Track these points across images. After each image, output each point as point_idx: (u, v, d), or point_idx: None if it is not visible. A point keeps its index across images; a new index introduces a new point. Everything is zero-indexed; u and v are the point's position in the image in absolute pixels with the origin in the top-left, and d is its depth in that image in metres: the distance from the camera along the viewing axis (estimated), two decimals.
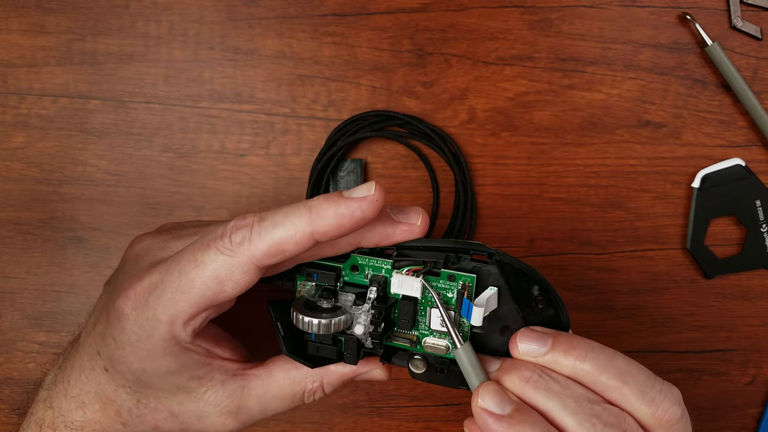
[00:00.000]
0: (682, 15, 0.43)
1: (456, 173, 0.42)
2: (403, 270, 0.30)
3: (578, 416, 0.26)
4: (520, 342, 0.29)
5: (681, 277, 0.44)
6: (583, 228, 0.43)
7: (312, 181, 0.42)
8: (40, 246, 0.43)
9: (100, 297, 0.33)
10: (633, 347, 0.44)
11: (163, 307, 0.28)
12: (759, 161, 0.43)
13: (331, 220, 0.27)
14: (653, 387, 0.28)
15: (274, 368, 0.32)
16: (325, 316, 0.29)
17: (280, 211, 0.28)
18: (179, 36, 0.43)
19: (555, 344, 0.28)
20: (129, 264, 0.32)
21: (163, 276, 0.28)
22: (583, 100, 0.43)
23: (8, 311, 0.43)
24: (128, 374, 0.30)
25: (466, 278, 0.30)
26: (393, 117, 0.42)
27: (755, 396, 0.44)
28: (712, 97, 0.43)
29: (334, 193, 0.28)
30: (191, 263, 0.28)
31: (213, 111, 0.43)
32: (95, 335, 0.31)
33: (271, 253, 0.28)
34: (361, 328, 0.30)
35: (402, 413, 0.44)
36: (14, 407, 0.43)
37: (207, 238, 0.28)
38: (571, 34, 0.43)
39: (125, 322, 0.28)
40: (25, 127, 0.43)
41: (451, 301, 0.30)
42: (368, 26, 0.43)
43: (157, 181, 0.43)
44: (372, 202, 0.27)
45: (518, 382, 0.27)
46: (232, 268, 0.27)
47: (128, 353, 0.29)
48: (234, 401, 0.31)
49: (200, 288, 0.28)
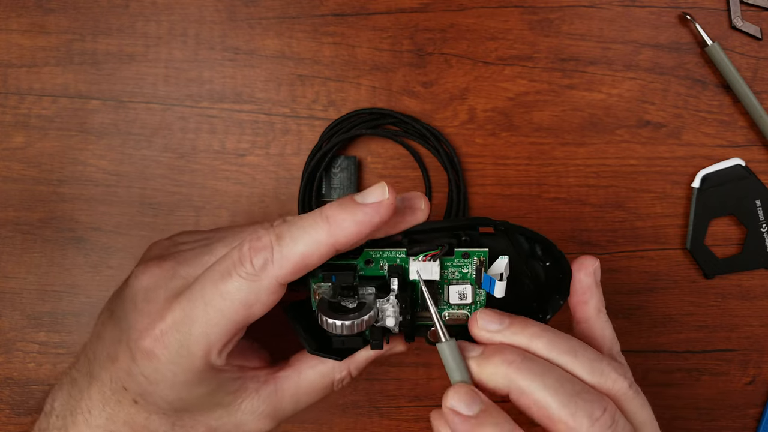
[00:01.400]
0: (682, 15, 0.43)
1: (449, 173, 0.42)
2: (420, 257, 0.30)
3: (560, 396, 0.26)
4: (480, 318, 0.30)
5: (681, 277, 0.44)
6: (583, 228, 0.43)
7: (305, 177, 0.42)
8: (40, 246, 0.43)
9: (104, 329, 0.32)
10: (633, 347, 0.44)
11: (195, 341, 0.28)
12: (759, 161, 0.43)
13: (351, 229, 0.27)
14: (602, 361, 0.29)
15: (301, 366, 0.32)
16: (352, 316, 0.29)
17: (297, 226, 0.27)
18: (179, 36, 0.43)
19: (511, 323, 0.29)
20: (139, 299, 0.30)
21: (188, 311, 0.28)
22: (583, 100, 0.43)
23: (8, 311, 0.43)
24: (163, 404, 0.29)
25: (480, 253, 0.31)
26: (388, 115, 0.42)
27: (755, 396, 0.44)
28: (712, 97, 0.43)
29: (347, 200, 0.28)
30: (216, 295, 0.27)
31: (213, 111, 0.43)
32: (117, 371, 0.29)
33: (296, 271, 0.27)
34: (392, 321, 0.31)
35: (402, 413, 0.44)
36: (14, 407, 0.43)
37: (225, 265, 0.28)
38: (571, 34, 0.43)
39: (157, 363, 0.28)
40: (25, 127, 0.43)
41: (466, 276, 0.31)
42: (368, 26, 0.43)
43: (157, 181, 0.43)
44: (388, 206, 0.27)
45: (501, 364, 0.28)
46: (258, 292, 0.27)
47: (162, 388, 0.29)
48: (269, 405, 0.31)
49: (229, 317, 0.27)
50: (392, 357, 0.43)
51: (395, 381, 0.44)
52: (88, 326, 0.43)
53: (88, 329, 0.43)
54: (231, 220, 0.43)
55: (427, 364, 0.43)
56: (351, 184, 0.42)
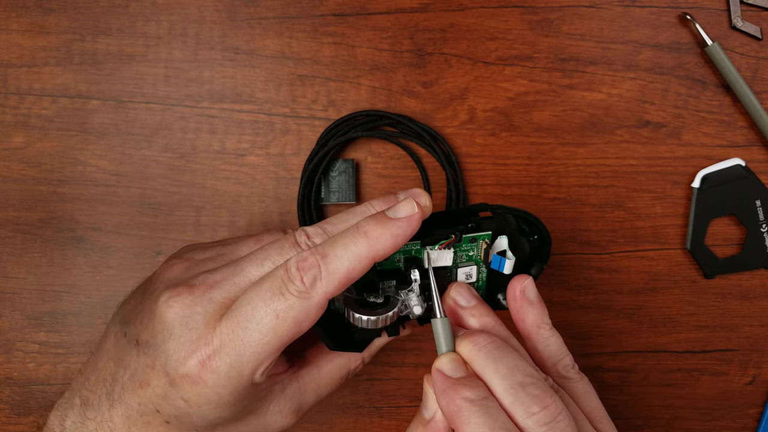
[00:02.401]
0: (682, 15, 0.43)
1: (448, 172, 0.42)
2: (436, 246, 0.33)
3: (506, 382, 0.28)
4: (454, 291, 0.33)
5: (681, 277, 0.44)
6: (583, 228, 0.43)
7: (304, 181, 0.42)
8: (40, 246, 0.43)
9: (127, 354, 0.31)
10: (633, 347, 0.44)
11: (247, 362, 0.28)
12: (759, 161, 0.43)
13: (388, 242, 0.29)
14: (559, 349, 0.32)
15: (320, 361, 0.35)
16: (382, 311, 0.31)
17: (338, 244, 0.29)
18: (179, 36, 0.43)
19: (476, 306, 0.32)
20: (178, 328, 0.29)
21: (237, 332, 0.28)
22: (583, 100, 0.43)
23: (8, 311, 0.43)
24: (200, 423, 0.30)
25: (484, 236, 0.34)
26: (384, 116, 0.42)
27: (755, 396, 0.44)
28: (712, 97, 0.43)
29: (381, 216, 0.30)
30: (268, 314, 0.28)
31: (213, 111, 0.43)
32: (149, 396, 0.29)
33: (342, 285, 0.29)
34: (419, 309, 0.33)
35: (402, 413, 0.44)
36: (14, 407, 0.43)
37: (276, 284, 0.28)
38: (571, 34, 0.43)
39: (202, 387, 0.28)
40: (25, 127, 0.43)
41: (472, 258, 0.34)
42: (368, 26, 0.43)
43: (157, 181, 0.43)
44: (418, 219, 0.30)
45: (469, 344, 0.30)
46: (309, 309, 0.28)
47: (204, 410, 0.29)
48: (294, 402, 0.33)
49: (281, 334, 0.28)
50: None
51: (395, 381, 0.44)
52: (88, 326, 0.43)
53: (88, 329, 0.43)
54: (231, 220, 0.43)
55: (427, 365, 0.43)
56: (349, 187, 0.42)
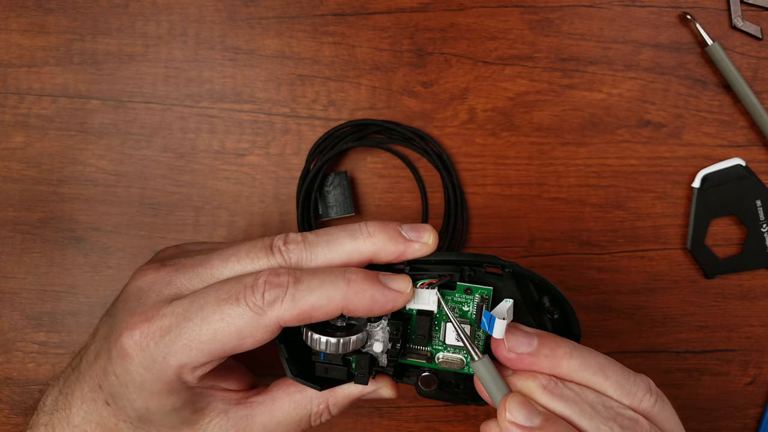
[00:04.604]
0: (682, 15, 0.43)
1: (442, 172, 0.42)
2: (418, 283, 0.29)
3: (595, 420, 0.26)
4: (507, 339, 0.29)
5: (681, 277, 0.44)
6: (583, 228, 0.43)
7: (300, 201, 0.41)
8: (40, 246, 0.43)
9: (99, 327, 0.32)
10: (633, 347, 0.44)
11: (175, 353, 0.27)
12: (759, 161, 0.43)
13: (364, 302, 0.27)
14: (628, 379, 0.29)
15: (277, 393, 0.31)
16: (340, 335, 0.28)
17: (317, 277, 0.27)
18: (179, 36, 0.43)
19: (542, 343, 0.28)
20: (131, 300, 0.30)
21: (180, 321, 0.27)
22: (583, 99, 0.43)
23: (8, 311, 0.43)
24: (130, 411, 0.29)
25: (483, 291, 0.29)
26: (371, 124, 0.42)
27: (755, 396, 0.44)
28: (712, 97, 0.43)
29: (372, 274, 0.28)
30: (216, 314, 0.27)
31: (213, 111, 0.43)
32: (97, 368, 0.30)
33: (300, 319, 0.27)
34: (380, 346, 0.29)
35: (402, 413, 0.43)
36: (14, 407, 0.43)
37: (235, 289, 0.27)
38: (571, 33, 0.43)
39: (129, 363, 0.28)
40: (25, 127, 0.43)
41: (466, 315, 0.30)
42: (368, 26, 0.43)
43: (156, 181, 0.43)
44: (406, 299, 0.28)
45: (536, 388, 0.27)
46: (257, 327, 0.27)
47: (131, 392, 0.28)
48: (239, 430, 0.30)
49: (219, 340, 0.27)
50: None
51: None
52: (87, 326, 0.43)
53: (88, 329, 0.43)
54: (230, 220, 0.43)
55: None
56: (346, 199, 0.42)
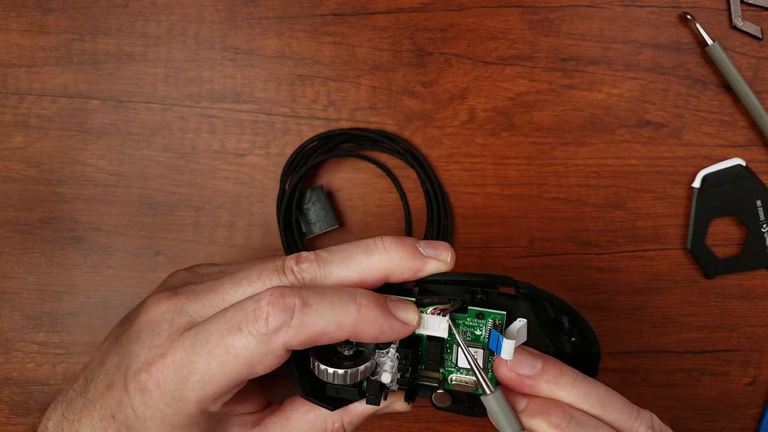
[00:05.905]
0: (682, 15, 0.43)
1: (416, 168, 0.42)
2: (428, 309, 0.28)
3: None
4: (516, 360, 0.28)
5: (681, 278, 0.44)
6: (583, 228, 0.43)
7: (281, 223, 0.41)
8: (40, 246, 0.43)
9: (109, 354, 0.31)
10: (633, 347, 0.44)
11: (191, 388, 0.27)
12: (759, 161, 0.43)
13: (373, 328, 0.27)
14: (630, 414, 0.28)
15: (291, 413, 0.31)
16: (347, 365, 0.28)
17: (326, 300, 0.27)
18: (179, 36, 0.43)
19: (545, 367, 0.28)
20: (145, 332, 0.29)
21: (189, 355, 0.27)
22: (583, 99, 0.43)
23: (8, 311, 0.43)
24: None
25: (496, 316, 0.28)
26: (337, 134, 0.42)
27: (756, 396, 0.44)
28: (712, 97, 0.43)
29: (383, 301, 0.27)
30: (221, 348, 0.26)
31: (213, 111, 0.43)
32: (110, 399, 0.29)
33: (308, 343, 0.27)
34: (389, 377, 0.28)
35: (401, 414, 0.43)
36: (14, 408, 0.43)
37: (237, 318, 0.27)
38: (571, 33, 0.43)
39: (149, 398, 0.27)
40: (25, 127, 0.43)
41: (479, 339, 0.29)
42: (368, 26, 0.43)
43: (156, 181, 0.43)
44: (411, 330, 0.28)
45: (547, 428, 0.27)
46: (265, 354, 0.26)
47: (149, 425, 0.28)
48: None
49: (230, 372, 0.27)
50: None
51: None
52: (87, 326, 0.43)
53: (88, 329, 0.43)
54: (230, 221, 0.43)
55: None
56: (327, 213, 0.41)
